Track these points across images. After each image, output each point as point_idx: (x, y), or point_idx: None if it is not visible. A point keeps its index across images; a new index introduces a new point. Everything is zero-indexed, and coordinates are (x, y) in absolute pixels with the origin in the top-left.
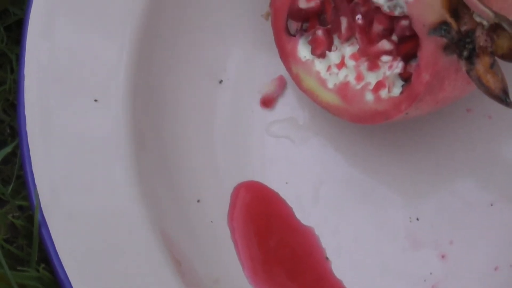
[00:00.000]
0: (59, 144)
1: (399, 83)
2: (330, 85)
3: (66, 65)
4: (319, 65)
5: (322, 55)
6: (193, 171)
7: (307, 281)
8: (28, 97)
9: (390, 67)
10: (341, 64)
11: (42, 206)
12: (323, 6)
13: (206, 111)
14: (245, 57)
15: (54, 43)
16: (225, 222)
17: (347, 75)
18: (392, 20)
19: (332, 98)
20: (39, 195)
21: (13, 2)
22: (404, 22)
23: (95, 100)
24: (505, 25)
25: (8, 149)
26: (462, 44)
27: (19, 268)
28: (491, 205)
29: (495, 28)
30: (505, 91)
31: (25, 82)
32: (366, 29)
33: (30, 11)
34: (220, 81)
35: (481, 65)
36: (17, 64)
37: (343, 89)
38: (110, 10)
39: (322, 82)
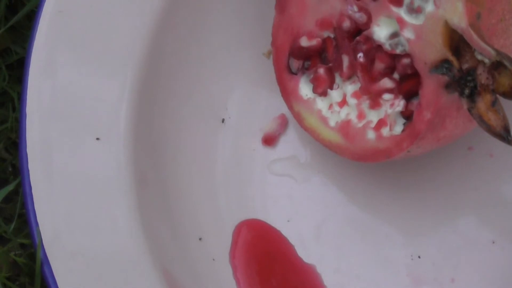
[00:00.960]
0: (61, 183)
1: (401, 121)
2: (332, 123)
3: (67, 103)
4: (321, 103)
5: (324, 93)
6: (195, 209)
7: None
8: (30, 135)
9: (392, 105)
10: (343, 102)
11: (44, 244)
12: (324, 44)
13: (208, 149)
14: (247, 95)
15: (56, 81)
16: (227, 260)
17: (348, 113)
18: (394, 58)
19: (333, 136)
20: (41, 233)
21: (14, 40)
22: (406, 60)
23: (97, 139)
24: (506, 63)
25: (10, 188)
26: (463, 82)
27: None
28: (493, 242)
29: (497, 66)
30: (506, 129)
31: (27, 120)
32: (367, 67)
33: (32, 49)
34: (222, 120)
35: (483, 103)
36: (19, 102)
37: (344, 127)
38: (112, 49)
39: (324, 120)
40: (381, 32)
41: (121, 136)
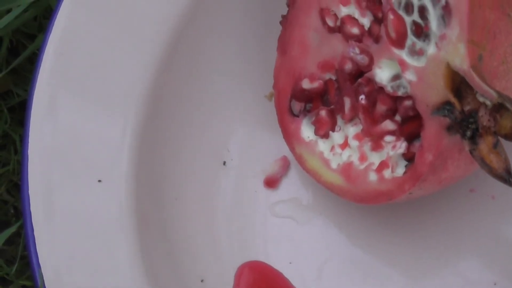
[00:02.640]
0: (62, 225)
1: (403, 163)
2: (334, 165)
3: (69, 145)
4: (323, 146)
5: (326, 136)
6: (197, 250)
7: None
8: (31, 177)
9: (394, 147)
10: (345, 145)
11: (46, 286)
12: (326, 87)
13: (210, 191)
14: (248, 137)
15: (58, 123)
16: None
17: (350, 155)
18: (396, 100)
19: (335, 179)
20: (43, 276)
21: (16, 83)
22: (408, 102)
23: (99, 181)
24: (508, 105)
25: (12, 230)
26: (465, 124)
27: None
28: (495, 284)
29: (498, 108)
30: (508, 171)
31: (28, 162)
32: (369, 109)
33: (34, 92)
34: (224, 163)
35: (484, 145)
36: (20, 145)
37: (346, 169)
38: (113, 91)
39: (326, 163)
40: (383, 74)
41: (123, 178)
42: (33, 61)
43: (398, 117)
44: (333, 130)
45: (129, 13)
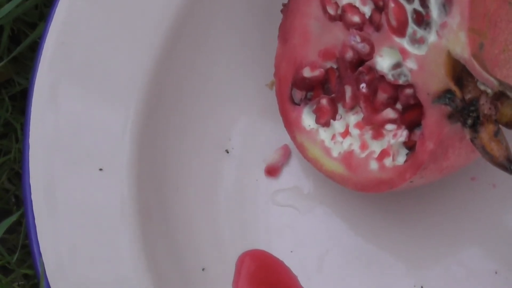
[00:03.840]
0: (64, 214)
1: (404, 151)
2: (335, 154)
3: (71, 134)
4: (324, 134)
5: (327, 124)
6: (198, 239)
7: None
8: (33, 166)
9: (395, 135)
10: (346, 133)
11: (47, 275)
12: (327, 75)
13: (211, 180)
14: (250, 126)
15: (59, 112)
16: None
17: (351, 143)
18: (397, 88)
19: (336, 167)
20: (45, 264)
21: (17, 71)
22: (409, 91)
23: (100, 169)
24: (509, 93)
25: (13, 218)
26: (466, 112)
27: None
28: (496, 273)
29: (499, 96)
30: (509, 159)
31: (30, 151)
32: (370, 97)
33: (35, 80)
34: (227, 151)
35: (486, 133)
36: (22, 133)
37: (347, 157)
38: (115, 80)
39: (327, 151)
40: (383, 62)
41: (124, 167)
42: (34, 49)
43: (399, 106)
44: (334, 119)
45: (130, 2)
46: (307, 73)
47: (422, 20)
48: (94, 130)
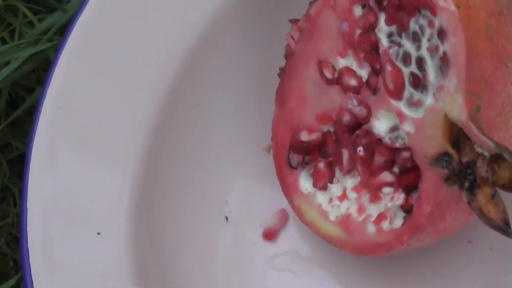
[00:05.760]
0: (62, 277)
1: (401, 214)
2: (332, 217)
3: (68, 198)
4: (321, 198)
5: (324, 188)
6: None
7: None
8: (31, 230)
9: (392, 198)
10: (343, 196)
11: None
12: (324, 139)
13: (208, 243)
14: (247, 190)
15: (56, 176)
16: None
17: (348, 207)
18: (394, 151)
19: (334, 231)
20: None
21: (15, 136)
22: (406, 154)
23: (98, 233)
24: (506, 156)
25: (11, 282)
26: (463, 175)
27: None
28: None
29: (496, 159)
30: (506, 222)
31: (28, 215)
32: (367, 161)
33: (32, 144)
34: (226, 218)
35: (482, 195)
36: (19, 197)
37: (345, 221)
38: (112, 143)
39: (324, 215)
40: (381, 125)
41: (122, 230)
42: (32, 113)
43: (396, 169)
44: (331, 182)
45: (126, 67)
46: (304, 136)
47: (419, 82)
48: (91, 194)
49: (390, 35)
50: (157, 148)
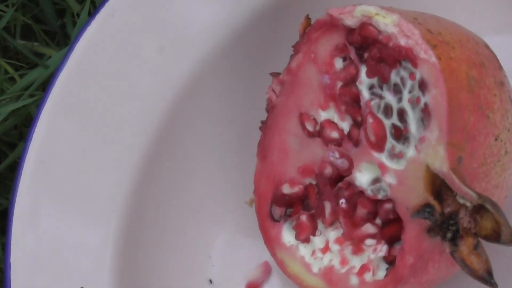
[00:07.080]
0: None
1: (384, 266)
2: (315, 269)
3: (52, 253)
4: (304, 250)
5: (307, 240)
6: None
7: None
8: (14, 285)
9: (375, 250)
10: (326, 249)
11: None
12: (306, 191)
13: None
14: (230, 243)
15: (39, 231)
16: None
17: (331, 259)
18: (376, 203)
19: (317, 283)
20: None
21: None
22: (388, 206)
23: None
24: (488, 206)
25: None
26: (445, 226)
27: None
28: None
29: (479, 209)
30: (489, 272)
31: (11, 270)
32: (350, 213)
33: (15, 200)
34: (210, 281)
35: (465, 246)
36: (3, 253)
37: (328, 273)
38: (95, 198)
39: (307, 267)
40: (362, 178)
41: (106, 285)
42: (14, 169)
43: (378, 220)
44: (314, 235)
45: (108, 121)
46: (286, 189)
47: (400, 134)
48: (75, 249)
49: (371, 87)
50: (140, 204)
